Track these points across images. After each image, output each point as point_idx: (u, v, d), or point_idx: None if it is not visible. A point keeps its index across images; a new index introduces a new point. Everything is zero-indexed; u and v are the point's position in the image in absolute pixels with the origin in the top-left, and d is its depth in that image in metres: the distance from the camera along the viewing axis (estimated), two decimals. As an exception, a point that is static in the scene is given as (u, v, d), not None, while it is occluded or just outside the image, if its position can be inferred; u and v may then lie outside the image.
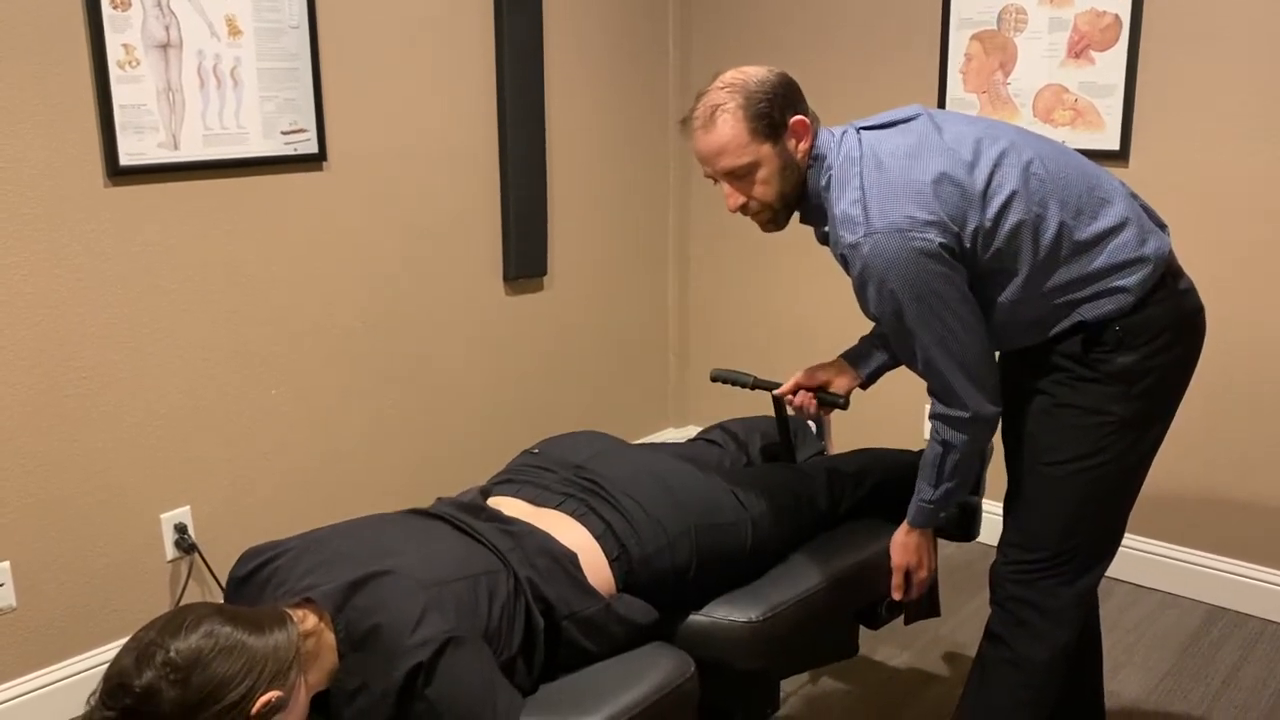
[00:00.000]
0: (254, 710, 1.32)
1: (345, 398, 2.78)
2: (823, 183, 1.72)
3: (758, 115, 1.67)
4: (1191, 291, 1.74)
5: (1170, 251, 1.71)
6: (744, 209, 1.76)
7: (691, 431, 3.79)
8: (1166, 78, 2.62)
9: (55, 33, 2.14)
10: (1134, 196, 1.76)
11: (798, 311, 3.43)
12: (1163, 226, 1.77)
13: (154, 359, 2.39)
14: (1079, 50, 2.73)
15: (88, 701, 1.34)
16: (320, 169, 2.62)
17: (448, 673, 1.42)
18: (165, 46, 2.29)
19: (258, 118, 2.47)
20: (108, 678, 1.32)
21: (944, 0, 2.91)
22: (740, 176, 1.71)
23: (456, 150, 2.92)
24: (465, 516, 1.70)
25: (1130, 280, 1.66)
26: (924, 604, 2.21)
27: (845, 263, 1.69)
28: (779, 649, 1.86)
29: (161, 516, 2.46)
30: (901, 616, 2.17)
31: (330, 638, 1.44)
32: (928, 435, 1.79)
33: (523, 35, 2.97)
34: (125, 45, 2.23)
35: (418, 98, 2.80)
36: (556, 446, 2.01)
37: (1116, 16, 2.66)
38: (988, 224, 1.63)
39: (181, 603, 2.50)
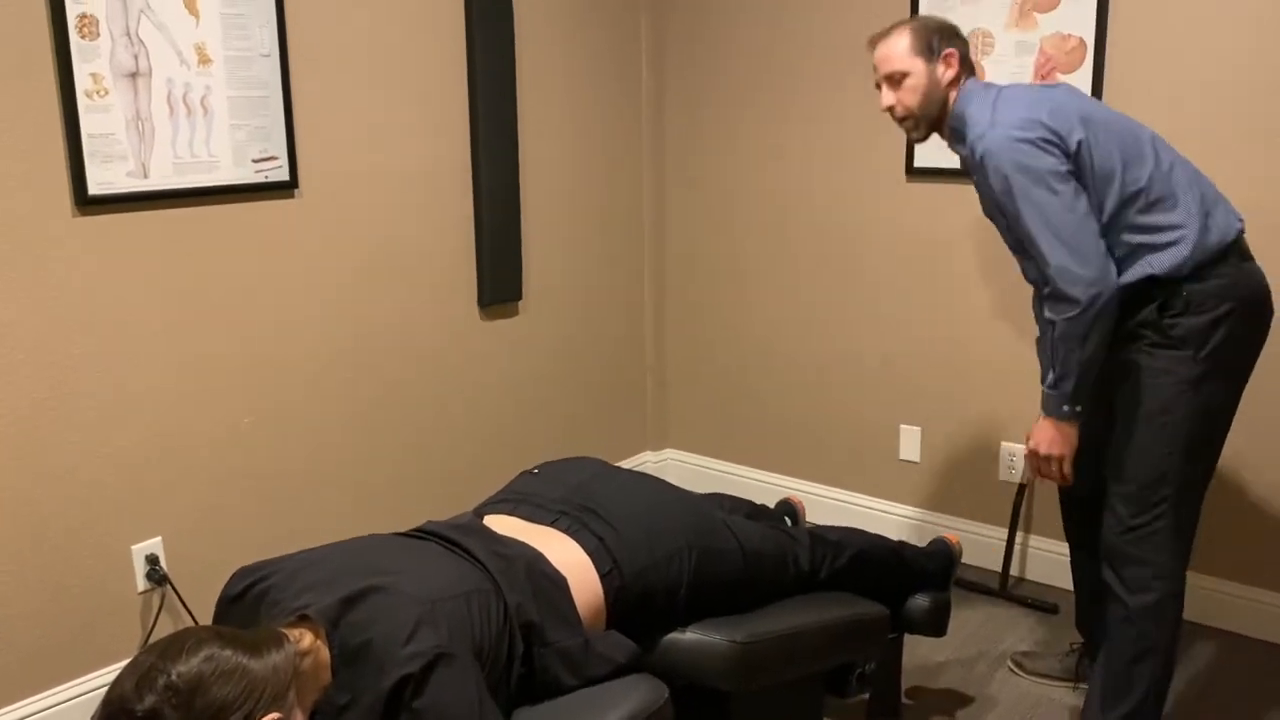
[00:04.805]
0: None
1: (319, 427, 2.76)
2: (965, 106, 2.10)
3: (921, 38, 2.12)
4: (1259, 274, 2.03)
5: (1239, 232, 2.02)
6: (891, 110, 2.16)
7: (670, 454, 3.79)
8: (1131, 99, 2.65)
9: (22, 63, 2.14)
10: (1205, 183, 2.07)
11: (773, 334, 3.44)
12: (1238, 217, 2.06)
13: (124, 388, 2.37)
14: (1045, 73, 2.77)
15: None
16: (292, 196, 2.62)
17: (436, 688, 1.42)
18: (134, 75, 2.29)
19: (228, 146, 2.46)
20: (108, 702, 1.32)
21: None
22: (895, 82, 2.14)
23: (429, 176, 2.92)
24: (456, 535, 1.71)
25: (1188, 232, 1.97)
26: (887, 703, 2.32)
27: (974, 156, 2.03)
28: (755, 676, 1.87)
29: (133, 548, 2.43)
30: (867, 698, 2.24)
31: (326, 655, 1.45)
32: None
33: (495, 60, 2.98)
34: (93, 74, 2.22)
35: (390, 124, 2.81)
36: (556, 468, 2.04)
37: (1081, 40, 2.70)
38: (1085, 146, 1.99)
39: (153, 635, 2.47)
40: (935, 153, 2.96)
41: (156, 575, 2.46)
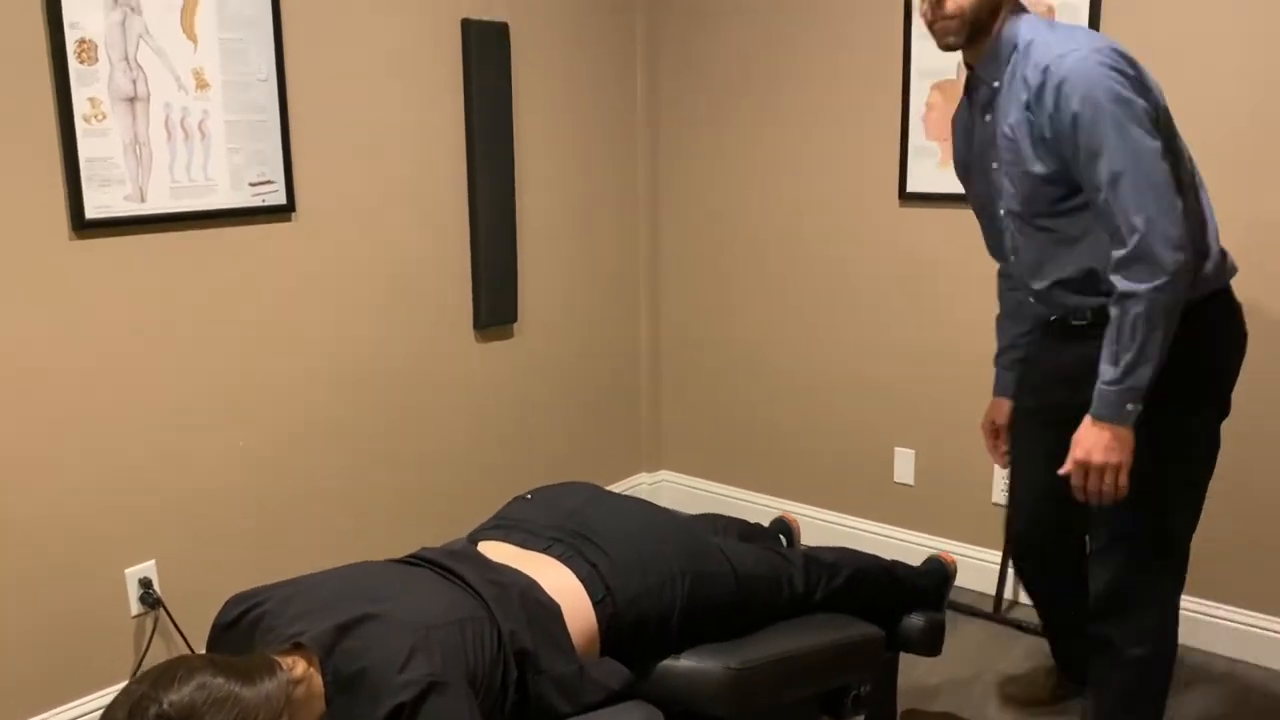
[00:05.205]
0: None
1: (315, 450, 2.76)
2: (1021, 35, 1.83)
3: None
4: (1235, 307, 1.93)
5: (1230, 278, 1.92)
6: (938, 5, 1.84)
7: (664, 476, 3.79)
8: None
9: (20, 87, 2.15)
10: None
11: (768, 357, 3.45)
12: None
13: (119, 411, 2.38)
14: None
15: None
16: (289, 220, 2.63)
17: (430, 715, 1.42)
18: (132, 100, 2.30)
19: (225, 170, 2.48)
20: None
21: (904, 51, 2.97)
22: None
23: (426, 199, 2.94)
24: (450, 563, 1.71)
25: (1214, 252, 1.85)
26: None
27: (1041, 81, 1.75)
28: (750, 702, 1.87)
29: (126, 571, 2.43)
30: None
31: (319, 683, 1.46)
32: (1110, 307, 1.75)
33: (491, 85, 3.00)
34: (92, 99, 2.23)
35: (386, 148, 2.82)
36: (549, 493, 2.04)
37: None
38: (1164, 114, 1.80)
39: (146, 660, 2.46)
40: (927, 177, 2.98)
41: (150, 599, 2.45)
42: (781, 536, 2.60)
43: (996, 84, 1.87)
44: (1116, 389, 1.74)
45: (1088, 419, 1.79)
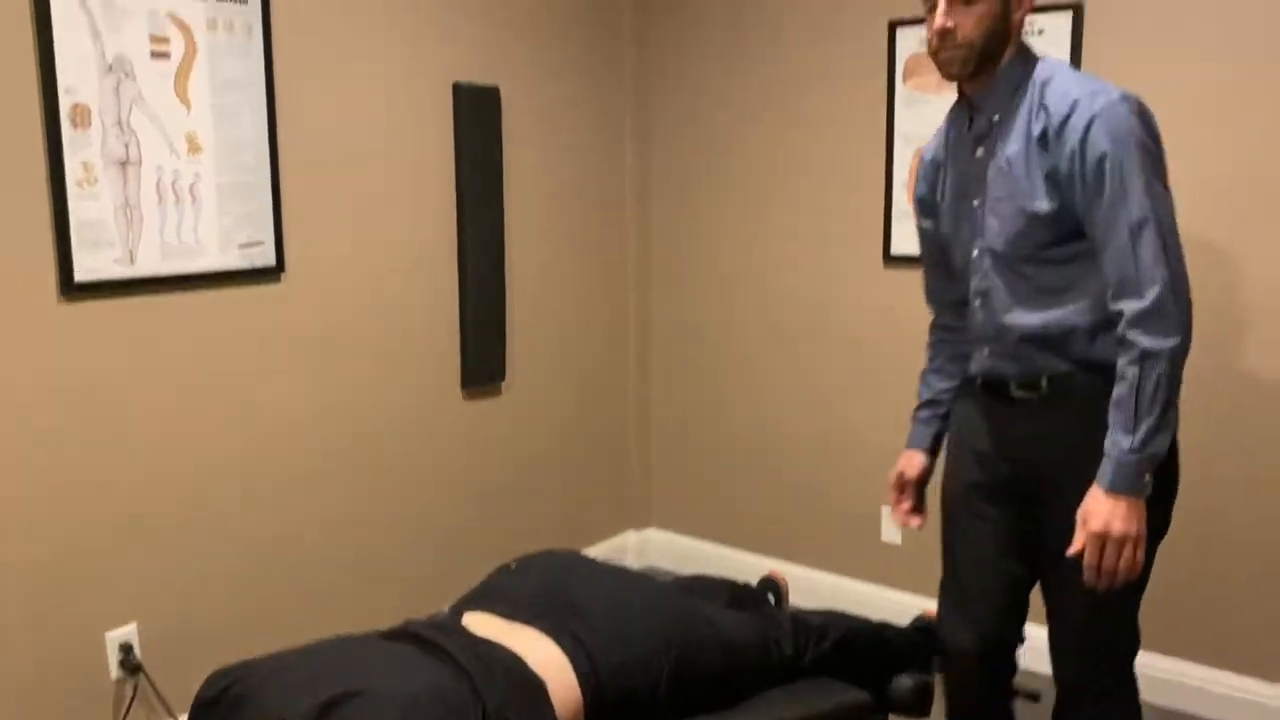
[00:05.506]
0: None
1: (299, 513, 2.75)
2: (1039, 71, 1.78)
3: None
4: None
5: None
6: (946, 35, 1.76)
7: (652, 534, 3.78)
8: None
9: (12, 150, 2.16)
10: None
11: (755, 415, 3.46)
12: None
13: (102, 472, 2.36)
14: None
15: None
16: (278, 280, 2.63)
17: None
18: (124, 163, 2.32)
19: (215, 231, 2.49)
20: None
21: (888, 119, 3.03)
22: (965, 1, 1.74)
23: (415, 260, 2.95)
24: (435, 636, 1.70)
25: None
26: None
27: (1068, 114, 1.68)
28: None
29: (107, 635, 2.40)
30: None
31: None
32: (1119, 368, 1.64)
33: (482, 147, 3.03)
34: (84, 163, 2.25)
35: (377, 209, 2.84)
36: (533, 564, 2.03)
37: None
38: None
39: (125, 725, 2.43)
40: (911, 240, 3.01)
41: (130, 664, 2.42)
42: (770, 595, 2.60)
43: (997, 117, 1.80)
44: (1136, 458, 1.62)
45: (1098, 491, 1.66)
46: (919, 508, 2.15)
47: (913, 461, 2.15)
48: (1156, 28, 2.60)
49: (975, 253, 1.87)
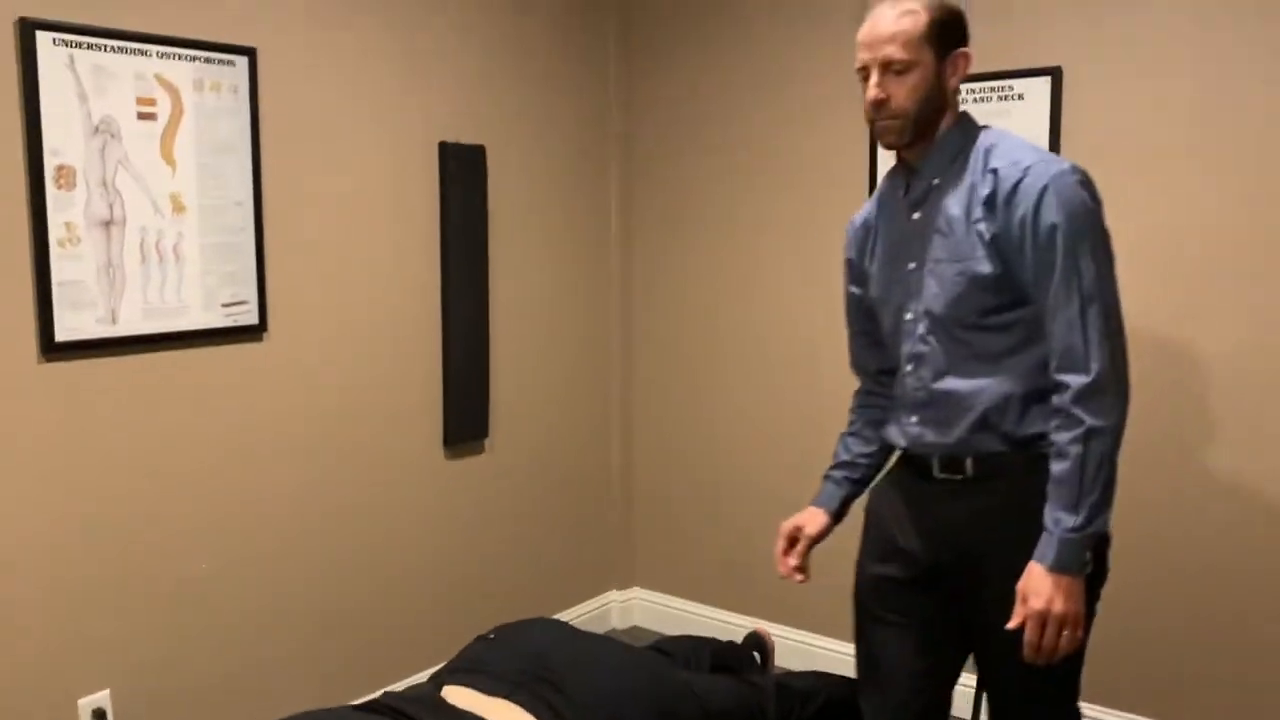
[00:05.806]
0: None
1: (278, 576, 2.71)
2: (982, 138, 1.77)
3: (939, 25, 1.72)
4: None
5: None
6: (880, 106, 1.75)
7: (636, 593, 3.74)
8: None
9: (-4, 212, 2.16)
10: None
11: (741, 473, 3.44)
12: None
13: (78, 533, 2.33)
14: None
15: None
16: (260, 339, 2.62)
17: None
18: (108, 224, 2.31)
19: (198, 291, 2.48)
20: None
21: (870, 154, 3.06)
22: (896, 72, 1.72)
23: (398, 318, 2.95)
24: (413, 711, 1.67)
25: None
26: None
27: (1019, 180, 1.68)
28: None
29: (79, 702, 2.34)
30: None
31: None
32: (1059, 444, 1.64)
33: (467, 206, 3.05)
34: (68, 223, 2.24)
35: (361, 267, 2.84)
36: (511, 634, 2.01)
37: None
38: None
39: (95, 795, 2.37)
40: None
41: (103, 731, 2.37)
42: (755, 654, 2.57)
43: (937, 180, 1.79)
44: (1079, 535, 1.62)
45: (1039, 569, 1.64)
46: (805, 567, 2.08)
47: (815, 519, 2.09)
48: (1136, 91, 2.64)
49: (909, 316, 1.84)
